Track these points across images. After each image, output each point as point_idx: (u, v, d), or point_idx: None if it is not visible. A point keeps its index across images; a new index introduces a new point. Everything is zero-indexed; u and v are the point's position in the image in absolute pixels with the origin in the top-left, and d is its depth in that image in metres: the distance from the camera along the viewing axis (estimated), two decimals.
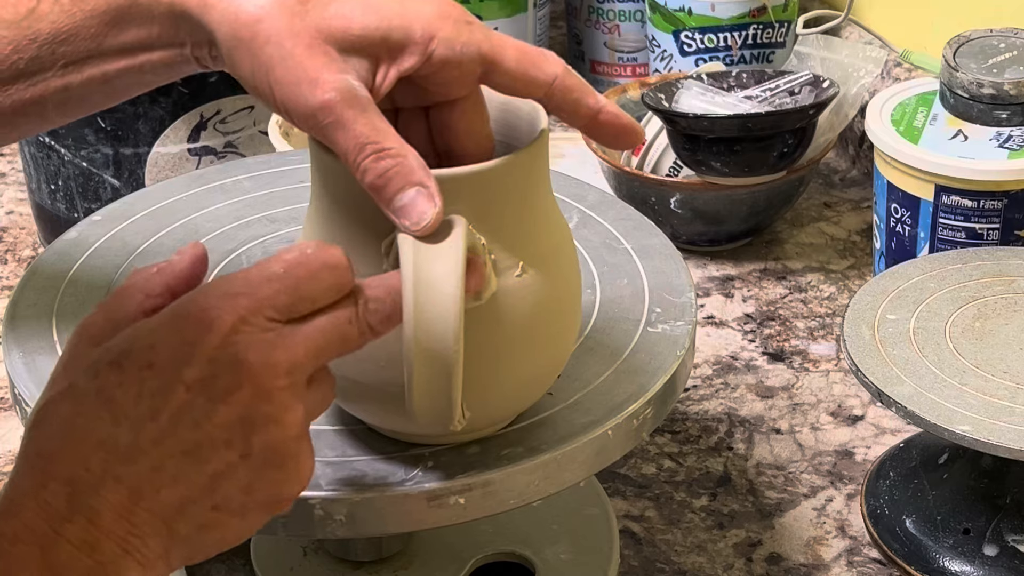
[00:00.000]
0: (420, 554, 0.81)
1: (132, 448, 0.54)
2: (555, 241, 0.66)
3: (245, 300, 0.55)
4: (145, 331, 0.56)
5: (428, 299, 0.58)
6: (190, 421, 0.54)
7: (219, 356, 0.54)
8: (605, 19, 1.40)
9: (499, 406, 0.67)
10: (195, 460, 0.54)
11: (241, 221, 0.85)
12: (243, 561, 0.86)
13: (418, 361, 0.58)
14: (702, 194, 1.13)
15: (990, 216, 0.99)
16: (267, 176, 0.90)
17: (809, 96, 1.14)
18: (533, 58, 0.61)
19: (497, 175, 0.62)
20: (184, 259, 0.60)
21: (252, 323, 0.55)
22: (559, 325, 0.66)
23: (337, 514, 0.65)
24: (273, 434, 0.55)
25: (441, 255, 0.58)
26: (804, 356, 1.06)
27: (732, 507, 0.92)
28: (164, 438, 0.54)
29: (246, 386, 0.54)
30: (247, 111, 1.11)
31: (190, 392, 0.54)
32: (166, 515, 0.54)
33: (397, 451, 0.67)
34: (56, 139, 1.09)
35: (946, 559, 0.85)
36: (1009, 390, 0.82)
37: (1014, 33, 1.03)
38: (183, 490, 0.54)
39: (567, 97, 0.62)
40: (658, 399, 0.71)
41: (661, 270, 0.80)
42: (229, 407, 0.54)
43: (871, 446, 0.97)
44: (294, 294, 0.56)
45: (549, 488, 0.68)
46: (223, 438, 0.54)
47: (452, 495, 0.65)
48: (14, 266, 1.19)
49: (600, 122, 0.63)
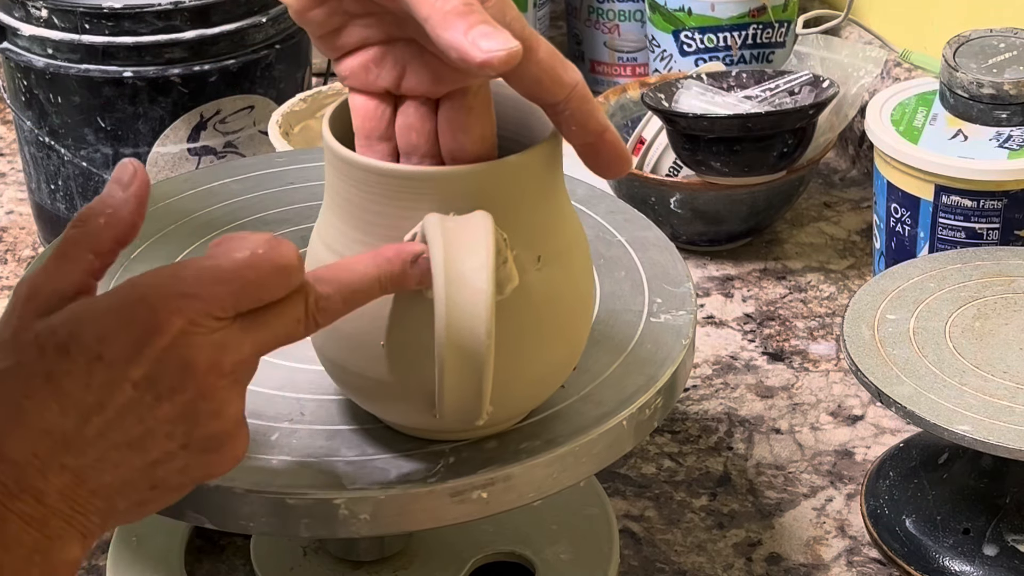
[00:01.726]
0: (420, 554, 0.81)
1: (78, 438, 0.55)
2: (570, 235, 0.66)
3: (194, 302, 0.56)
4: (92, 316, 0.56)
5: (460, 294, 0.58)
6: (135, 416, 0.56)
7: (166, 357, 0.55)
8: (605, 19, 1.40)
9: (519, 400, 0.67)
10: (137, 450, 0.56)
11: (242, 221, 0.85)
12: (243, 561, 0.86)
13: (450, 357, 0.58)
14: (702, 194, 1.13)
15: (990, 216, 0.99)
16: (268, 176, 0.90)
17: (809, 96, 1.14)
18: (561, 58, 0.61)
19: (517, 170, 0.62)
20: (129, 199, 0.60)
21: (201, 324, 0.56)
22: (576, 318, 0.67)
23: (362, 513, 0.65)
24: (213, 426, 0.57)
25: (472, 249, 0.59)
26: (804, 356, 1.06)
27: (732, 507, 0.92)
28: (109, 430, 0.56)
29: (190, 387, 0.56)
30: (247, 111, 1.11)
31: (137, 389, 0.55)
32: (107, 495, 0.56)
33: (416, 448, 0.67)
34: (56, 139, 1.10)
35: (946, 559, 0.85)
36: (1009, 390, 0.82)
37: (1014, 33, 1.03)
38: (124, 474, 0.56)
39: (583, 106, 0.61)
40: (667, 388, 0.72)
41: (657, 261, 0.81)
42: (173, 404, 0.56)
43: (871, 446, 0.97)
44: (242, 295, 0.57)
45: (567, 480, 0.68)
46: (165, 431, 0.56)
47: (475, 490, 0.66)
48: (14, 266, 1.19)
49: (605, 140, 0.62)
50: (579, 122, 0.61)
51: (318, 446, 0.68)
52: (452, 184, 0.61)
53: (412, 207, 0.61)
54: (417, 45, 0.62)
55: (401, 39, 0.62)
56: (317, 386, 0.71)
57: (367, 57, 0.63)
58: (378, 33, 0.62)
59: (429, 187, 0.61)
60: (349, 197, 0.63)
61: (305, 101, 1.09)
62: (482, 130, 0.63)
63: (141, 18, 1.05)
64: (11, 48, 1.08)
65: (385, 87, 0.63)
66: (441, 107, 0.63)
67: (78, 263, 0.59)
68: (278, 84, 1.11)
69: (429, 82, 0.62)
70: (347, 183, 0.63)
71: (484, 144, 0.63)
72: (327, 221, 0.65)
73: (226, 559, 0.87)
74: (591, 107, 0.61)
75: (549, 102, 0.61)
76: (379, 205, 0.62)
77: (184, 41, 1.06)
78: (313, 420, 0.69)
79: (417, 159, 0.64)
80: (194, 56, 1.07)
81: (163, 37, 1.05)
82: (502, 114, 0.66)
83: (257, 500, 0.65)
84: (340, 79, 0.64)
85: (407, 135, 0.63)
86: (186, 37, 1.06)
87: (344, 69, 0.63)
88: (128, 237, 0.60)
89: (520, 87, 0.61)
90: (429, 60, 0.62)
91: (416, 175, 0.61)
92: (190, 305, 0.56)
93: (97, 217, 0.59)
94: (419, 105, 0.63)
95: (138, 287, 0.56)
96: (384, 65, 0.63)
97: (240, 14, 1.08)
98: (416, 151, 0.63)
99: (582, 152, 0.63)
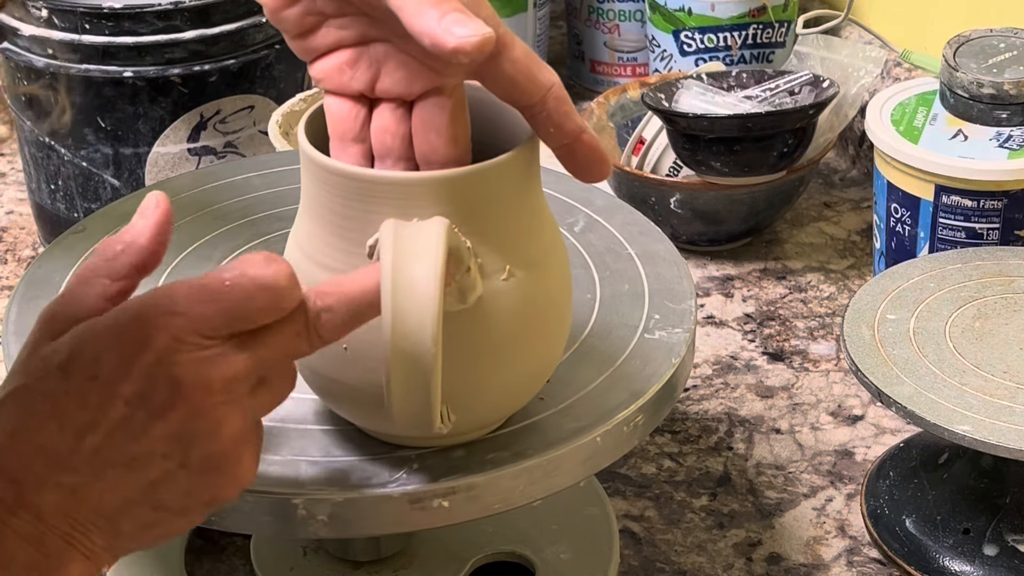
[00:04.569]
0: (420, 554, 0.81)
1: (74, 456, 0.55)
2: (544, 245, 0.65)
3: (180, 320, 0.56)
4: (91, 336, 0.56)
5: (407, 301, 0.57)
6: (128, 434, 0.56)
7: (155, 373, 0.56)
8: (605, 19, 1.40)
9: (486, 410, 0.67)
10: (134, 470, 0.56)
11: (242, 221, 0.85)
12: (243, 561, 0.86)
13: (395, 362, 0.58)
14: (702, 194, 1.13)
15: (990, 216, 0.99)
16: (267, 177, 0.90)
17: (809, 96, 1.14)
18: (537, 59, 0.61)
19: (486, 178, 0.62)
20: (149, 227, 0.60)
21: (187, 342, 0.56)
22: (547, 329, 0.66)
23: (320, 514, 0.65)
24: (209, 446, 0.57)
25: (421, 256, 0.58)
26: (804, 356, 1.06)
27: (732, 507, 0.92)
28: (104, 449, 0.55)
29: (180, 404, 0.56)
30: (247, 111, 1.11)
31: (129, 406, 0.55)
32: (109, 515, 0.56)
33: (383, 453, 0.67)
34: (56, 139, 1.10)
35: (946, 559, 0.85)
36: (1009, 390, 0.82)
37: (1014, 33, 1.03)
38: (124, 494, 0.56)
39: (559, 108, 0.61)
40: (650, 406, 0.71)
41: (663, 276, 0.80)
42: (166, 423, 0.56)
43: (871, 446, 0.97)
44: (229, 315, 0.56)
45: (535, 493, 0.67)
46: (160, 451, 0.56)
47: (435, 498, 0.65)
48: (14, 266, 1.19)
49: (582, 142, 0.61)
50: (556, 124, 0.61)
51: (288, 445, 0.68)
52: (415, 189, 0.61)
53: (378, 212, 0.61)
54: (392, 46, 0.62)
55: (376, 40, 0.62)
56: (296, 385, 0.70)
57: (342, 59, 0.63)
58: (352, 34, 0.62)
59: (393, 192, 0.61)
60: (321, 200, 0.63)
61: (305, 101, 1.09)
62: (455, 131, 0.63)
63: (141, 18, 1.05)
64: (11, 48, 1.08)
65: (360, 89, 0.63)
66: (415, 108, 0.63)
67: (94, 288, 0.59)
68: (278, 84, 1.11)
69: (404, 83, 0.62)
70: (318, 186, 0.63)
71: (457, 146, 0.63)
72: (301, 225, 0.65)
73: (226, 559, 0.87)
74: (568, 109, 0.61)
75: (525, 103, 0.61)
76: (348, 209, 0.62)
77: (184, 41, 1.06)
78: (286, 419, 0.69)
79: (392, 162, 0.63)
80: (194, 56, 1.07)
81: (163, 37, 1.05)
82: (480, 119, 0.65)
83: None
84: (315, 81, 0.64)
85: (382, 138, 0.63)
86: (186, 37, 1.06)
87: (318, 71, 0.63)
88: (148, 263, 0.60)
89: (495, 87, 0.61)
90: (404, 61, 0.62)
91: (379, 179, 0.61)
92: (175, 322, 0.56)
93: (115, 244, 0.60)
94: (394, 108, 0.63)
95: (133, 306, 0.57)
96: (359, 67, 0.62)
97: (240, 14, 1.08)
98: (391, 154, 0.63)
99: (560, 155, 0.62)
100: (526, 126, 0.63)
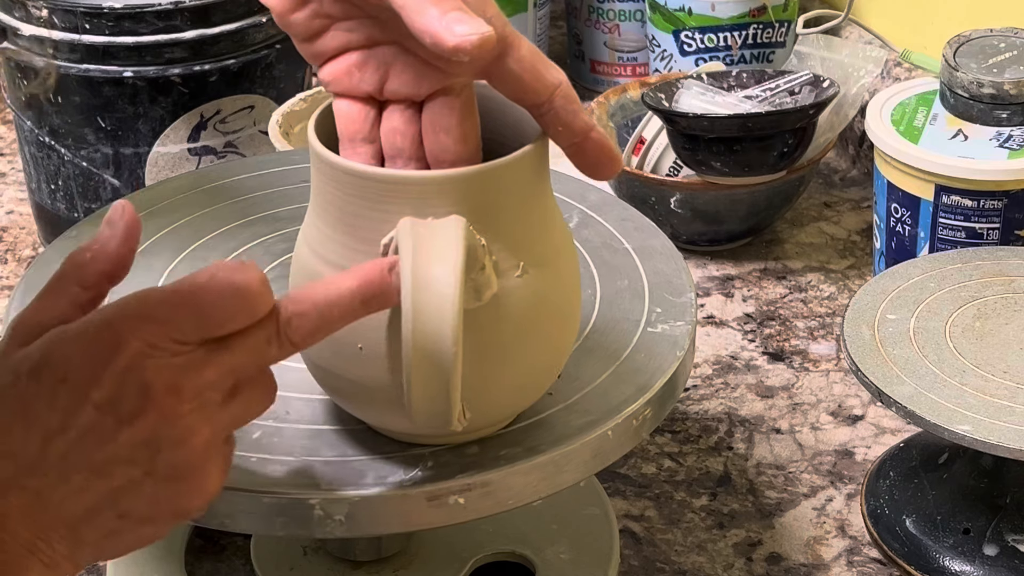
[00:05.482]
0: (420, 554, 0.81)
1: (39, 459, 0.55)
2: (555, 241, 0.66)
3: (152, 325, 0.56)
4: (62, 341, 0.56)
5: (427, 300, 0.57)
6: (96, 439, 0.55)
7: (126, 379, 0.55)
8: (605, 19, 1.40)
9: (499, 406, 0.67)
10: (99, 475, 0.56)
11: (241, 221, 0.85)
12: (243, 561, 0.86)
13: (416, 363, 0.58)
14: (702, 194, 1.13)
15: (990, 216, 0.99)
16: (267, 177, 0.90)
17: (809, 96, 1.14)
18: (544, 58, 0.61)
19: (499, 175, 0.62)
20: (117, 234, 0.60)
21: (160, 347, 0.56)
22: (559, 325, 0.66)
23: (337, 514, 0.65)
24: (177, 455, 0.56)
25: (440, 256, 0.58)
26: (804, 356, 1.06)
27: (732, 507, 0.92)
28: (71, 453, 0.55)
29: (150, 411, 0.56)
30: (247, 111, 1.11)
31: (98, 411, 0.55)
32: (71, 522, 0.56)
33: (397, 451, 0.67)
34: (56, 139, 1.10)
35: (946, 559, 0.85)
36: (1009, 390, 0.82)
37: (1014, 33, 1.03)
38: (88, 501, 0.56)
39: (567, 107, 0.61)
40: (657, 400, 0.71)
41: (661, 270, 0.80)
42: (134, 429, 0.56)
43: (871, 446, 0.97)
44: (200, 320, 0.56)
45: (547, 489, 0.68)
46: (127, 457, 0.56)
47: (451, 495, 0.65)
48: (14, 266, 1.19)
49: (591, 140, 0.62)
50: (564, 122, 0.61)
51: (300, 446, 0.68)
52: (431, 188, 0.61)
53: (392, 211, 0.61)
54: (399, 48, 0.62)
55: (383, 42, 0.62)
56: (305, 385, 0.70)
57: (350, 62, 0.63)
58: (360, 37, 0.62)
59: (406, 191, 0.61)
60: (332, 200, 0.63)
61: (305, 101, 1.09)
62: (465, 130, 0.63)
63: (141, 18, 1.05)
64: (11, 48, 1.08)
65: (368, 91, 0.63)
66: (425, 108, 0.63)
67: (64, 296, 0.59)
68: (278, 84, 1.11)
69: (412, 84, 0.62)
70: (330, 185, 0.63)
71: (467, 145, 0.63)
72: (311, 223, 0.65)
73: (226, 559, 0.87)
74: (576, 107, 0.61)
75: (533, 102, 0.61)
76: (360, 208, 0.62)
77: (184, 41, 1.06)
78: (298, 419, 0.69)
79: (402, 162, 0.63)
80: (194, 56, 1.07)
81: (163, 37, 1.05)
82: (492, 118, 0.66)
83: (234, 498, 0.65)
84: (324, 84, 0.64)
85: (392, 138, 0.63)
86: (186, 37, 1.06)
87: (327, 74, 0.63)
88: (117, 270, 0.60)
89: (502, 87, 0.61)
90: (411, 62, 0.62)
91: (393, 179, 0.61)
92: (147, 328, 0.56)
93: (84, 252, 0.60)
94: (404, 109, 0.63)
95: (105, 312, 0.57)
96: (367, 69, 0.63)
97: (240, 14, 1.08)
98: (401, 154, 0.63)
99: (570, 153, 0.62)
100: (535, 124, 0.63)
